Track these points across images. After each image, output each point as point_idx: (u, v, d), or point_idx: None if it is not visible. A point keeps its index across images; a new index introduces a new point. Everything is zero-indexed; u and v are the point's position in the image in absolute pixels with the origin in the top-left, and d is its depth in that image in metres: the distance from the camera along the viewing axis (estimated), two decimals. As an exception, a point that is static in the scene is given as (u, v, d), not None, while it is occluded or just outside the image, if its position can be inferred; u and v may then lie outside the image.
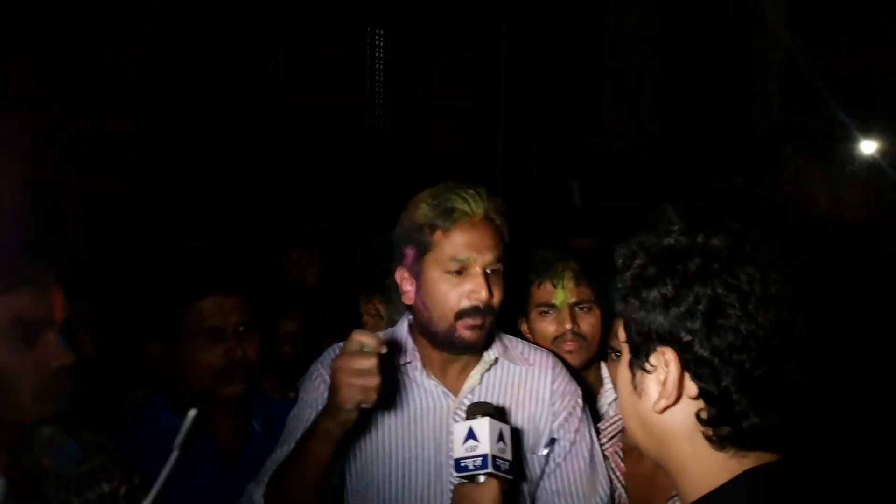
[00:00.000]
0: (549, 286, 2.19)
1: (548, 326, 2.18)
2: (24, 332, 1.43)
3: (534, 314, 2.20)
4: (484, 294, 1.77)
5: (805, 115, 7.28)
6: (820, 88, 7.24)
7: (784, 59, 7.95)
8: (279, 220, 5.13)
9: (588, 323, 2.17)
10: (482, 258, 1.79)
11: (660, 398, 1.12)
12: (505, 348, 1.95)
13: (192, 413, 1.61)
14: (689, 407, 1.11)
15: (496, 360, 1.92)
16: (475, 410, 1.66)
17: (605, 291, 2.18)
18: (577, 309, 2.19)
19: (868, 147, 6.67)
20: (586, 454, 1.95)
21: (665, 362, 1.11)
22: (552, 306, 2.18)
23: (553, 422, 1.95)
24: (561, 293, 2.17)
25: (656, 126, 7.71)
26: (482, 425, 1.67)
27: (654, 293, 1.11)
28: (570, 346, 2.16)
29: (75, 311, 1.79)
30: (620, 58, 7.52)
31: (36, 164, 3.90)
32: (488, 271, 1.79)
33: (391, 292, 2.27)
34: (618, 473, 2.06)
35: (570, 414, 1.97)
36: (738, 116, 7.84)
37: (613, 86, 7.56)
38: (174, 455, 1.56)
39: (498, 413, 1.66)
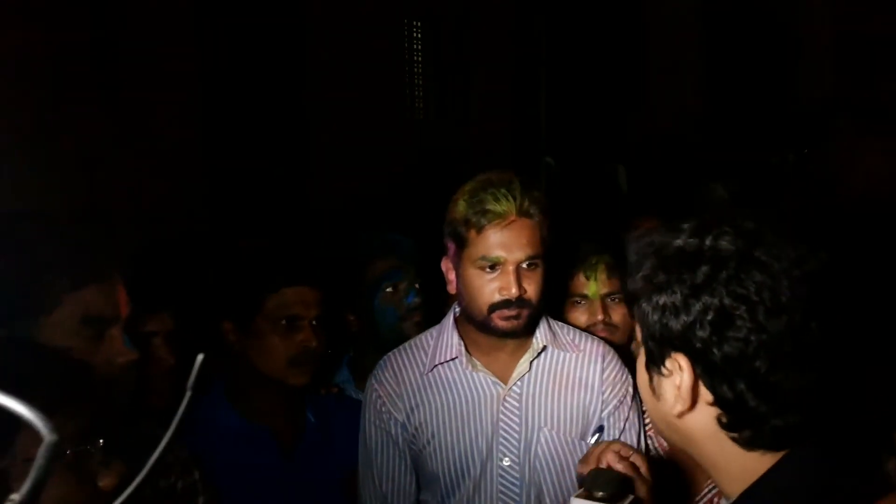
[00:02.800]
0: (582, 278, 2.27)
1: (580, 316, 2.26)
2: (92, 329, 1.49)
3: (568, 304, 2.28)
4: (514, 290, 1.86)
5: (858, 86, 7.11)
6: (873, 57, 7.05)
7: (833, 29, 7.77)
8: (322, 215, 5.16)
9: (619, 313, 2.27)
10: (513, 256, 1.88)
11: (675, 403, 1.12)
12: (554, 335, 2.03)
13: (200, 357, 1.66)
14: (708, 411, 1.12)
15: (545, 347, 2.00)
16: (598, 486, 1.54)
17: None
18: (608, 300, 2.28)
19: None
20: (634, 443, 2.00)
21: (679, 368, 1.11)
22: (584, 297, 2.27)
23: (603, 409, 2.03)
24: (593, 284, 2.30)
25: (702, 105, 7.59)
26: None
27: (664, 300, 1.11)
28: (602, 335, 2.24)
29: (155, 325, 1.89)
30: (662, 37, 7.41)
31: (90, 166, 3.99)
32: (524, 266, 1.87)
33: (365, 306, 2.35)
34: (661, 453, 2.10)
35: (621, 402, 2.03)
36: (787, 91, 7.68)
37: (656, 66, 7.45)
38: (188, 396, 1.60)
39: (623, 486, 1.56)
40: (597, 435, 1.99)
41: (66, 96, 3.96)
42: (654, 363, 1.15)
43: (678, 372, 1.11)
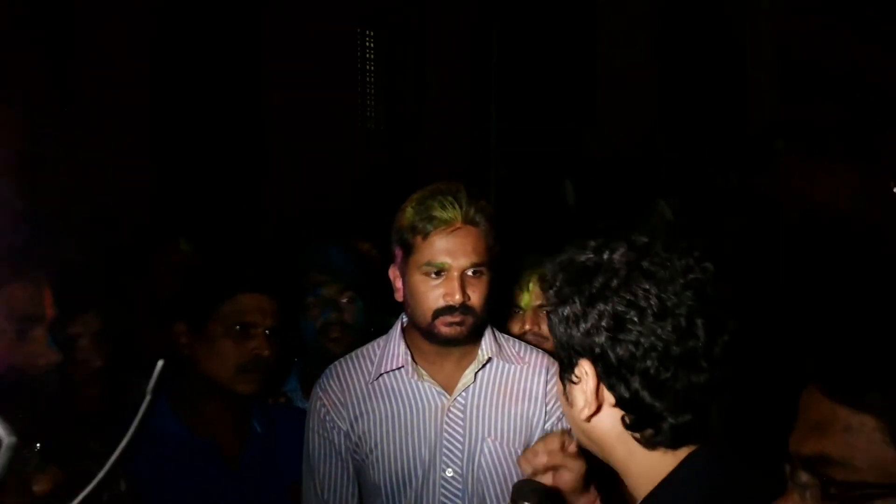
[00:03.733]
0: (517, 290, 2.35)
1: (514, 326, 2.33)
2: (15, 327, 1.45)
3: (508, 316, 2.36)
4: (458, 297, 1.89)
5: (801, 109, 7.29)
6: (815, 82, 7.24)
7: (778, 54, 7.96)
8: (275, 224, 5.15)
9: None
10: (458, 262, 1.90)
11: (583, 407, 1.21)
12: (500, 347, 2.04)
13: (161, 363, 1.65)
14: (613, 413, 1.20)
15: (490, 358, 2.01)
16: (524, 497, 1.56)
17: None
18: (540, 311, 2.32)
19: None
20: None
21: (585, 373, 1.20)
22: (519, 308, 2.35)
23: (546, 421, 2.03)
24: (526, 295, 2.37)
25: (651, 123, 7.72)
26: None
27: (567, 310, 1.21)
28: (530, 344, 2.28)
29: (80, 327, 1.85)
30: (614, 55, 7.53)
31: (33, 167, 3.92)
32: (469, 273, 1.88)
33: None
34: None
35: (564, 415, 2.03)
36: (732, 112, 7.84)
37: (607, 84, 7.57)
38: (146, 400, 1.58)
39: (548, 496, 1.58)
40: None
41: (12, 93, 3.90)
42: (565, 371, 1.24)
43: (585, 377, 1.20)
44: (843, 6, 7.41)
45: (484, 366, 2.02)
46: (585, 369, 1.20)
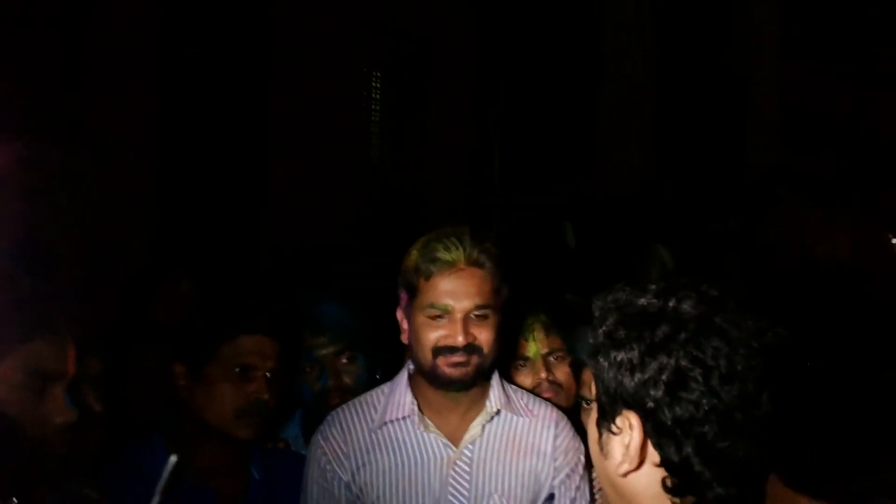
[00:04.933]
0: (521, 340, 2.25)
1: (524, 379, 2.24)
2: (37, 385, 1.41)
3: (512, 368, 2.25)
4: (461, 339, 1.85)
5: (801, 157, 7.33)
6: (816, 130, 7.30)
7: (779, 103, 8.02)
8: (277, 255, 5.15)
9: (563, 371, 2.23)
10: (461, 304, 1.86)
11: (622, 462, 1.12)
12: (508, 399, 1.99)
13: (174, 459, 1.63)
14: (654, 473, 1.11)
15: (498, 411, 1.96)
16: None
17: (574, 340, 2.25)
18: (550, 358, 2.25)
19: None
20: None
21: (629, 426, 1.11)
22: (526, 358, 2.25)
23: (554, 477, 1.98)
24: (533, 345, 2.25)
25: (652, 168, 7.76)
26: None
27: (622, 356, 1.11)
28: (547, 394, 2.20)
29: (83, 369, 1.82)
30: (616, 100, 7.59)
31: (39, 201, 3.92)
32: (473, 316, 1.83)
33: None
34: None
35: (573, 471, 1.99)
36: (733, 160, 7.89)
37: (609, 128, 7.62)
38: (155, 501, 1.57)
39: None
40: (546, 503, 1.96)
41: (22, 129, 3.91)
42: (606, 420, 1.15)
43: (628, 430, 1.12)
44: (846, 54, 7.49)
45: (492, 418, 1.97)
46: (631, 422, 1.11)
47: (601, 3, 7.57)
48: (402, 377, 2.00)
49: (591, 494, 2.04)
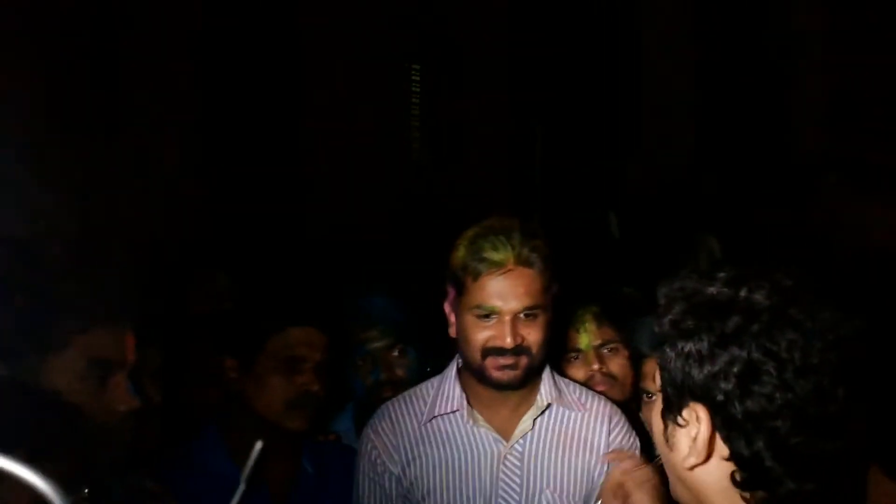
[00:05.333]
0: (572, 332, 2.23)
1: (576, 371, 2.25)
2: (98, 373, 1.44)
3: (564, 361, 2.24)
4: (509, 340, 1.82)
5: (850, 143, 7.17)
6: (863, 115, 7.13)
7: (827, 86, 7.86)
8: (317, 254, 5.15)
9: (616, 363, 2.20)
10: (509, 306, 1.83)
11: (689, 455, 1.09)
12: (560, 392, 1.96)
13: (259, 445, 1.66)
14: (723, 467, 1.09)
15: (549, 404, 1.93)
16: None
17: (632, 332, 2.22)
18: (603, 350, 2.22)
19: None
20: None
21: (697, 419, 1.08)
22: (578, 350, 2.22)
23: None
24: (584, 336, 2.23)
25: (695, 157, 7.65)
26: None
27: (690, 347, 1.08)
28: (601, 387, 2.17)
29: (142, 361, 1.84)
30: (657, 87, 7.49)
31: (87, 197, 3.95)
32: (521, 316, 1.80)
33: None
34: None
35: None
36: (778, 146, 7.74)
37: (651, 116, 7.52)
38: (241, 489, 1.59)
39: None
40: (600, 501, 1.92)
41: (67, 127, 3.94)
42: (671, 412, 1.13)
43: (695, 423, 1.09)
44: (894, 36, 7.31)
45: (543, 412, 1.94)
46: (699, 414, 1.09)
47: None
48: (451, 371, 1.99)
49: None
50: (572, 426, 1.96)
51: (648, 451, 2.02)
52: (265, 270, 3.79)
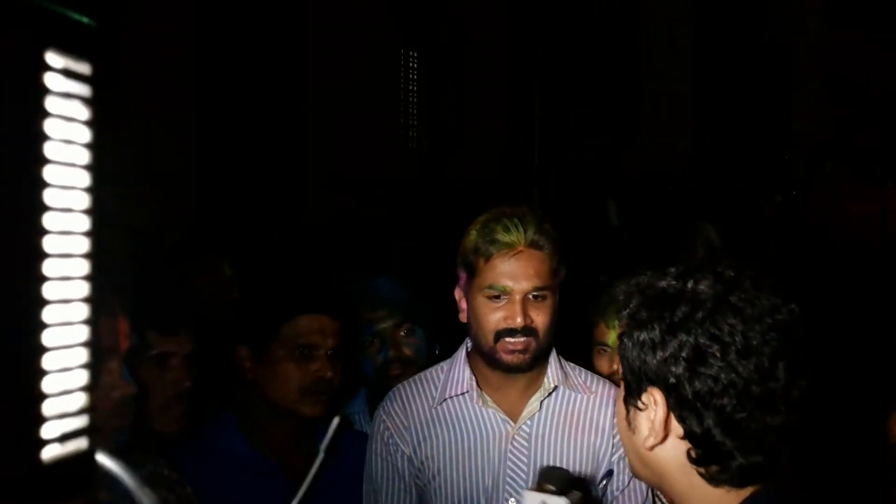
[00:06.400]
0: (603, 326, 2.30)
1: (602, 364, 2.29)
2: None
3: (594, 352, 2.33)
4: (519, 320, 1.87)
5: (847, 131, 7.21)
6: (860, 103, 7.17)
7: (824, 74, 7.89)
8: (315, 241, 5.17)
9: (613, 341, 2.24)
10: (520, 286, 1.87)
11: (648, 436, 1.18)
12: (566, 375, 2.01)
13: (337, 419, 1.71)
14: (679, 445, 1.18)
15: (556, 387, 1.97)
16: (551, 476, 1.65)
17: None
18: None
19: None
20: (644, 488, 1.97)
21: (654, 402, 1.17)
22: (607, 345, 2.28)
23: (613, 454, 1.99)
24: (613, 334, 2.27)
25: (693, 144, 7.68)
26: None
27: (644, 336, 1.18)
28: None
29: (174, 346, 1.86)
30: (655, 75, 7.51)
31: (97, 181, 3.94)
32: (531, 297, 1.85)
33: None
34: (664, 500, 2.10)
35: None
36: (777, 134, 7.78)
37: (649, 104, 7.54)
38: (320, 458, 1.62)
39: (572, 483, 1.67)
40: (605, 480, 1.96)
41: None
42: (632, 396, 1.21)
43: (653, 406, 1.17)
44: (891, 24, 7.34)
45: (550, 394, 1.98)
46: (655, 397, 1.17)
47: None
48: (461, 354, 2.03)
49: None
50: (578, 408, 2.00)
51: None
52: (271, 258, 3.80)
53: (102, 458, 0.66)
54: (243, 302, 2.27)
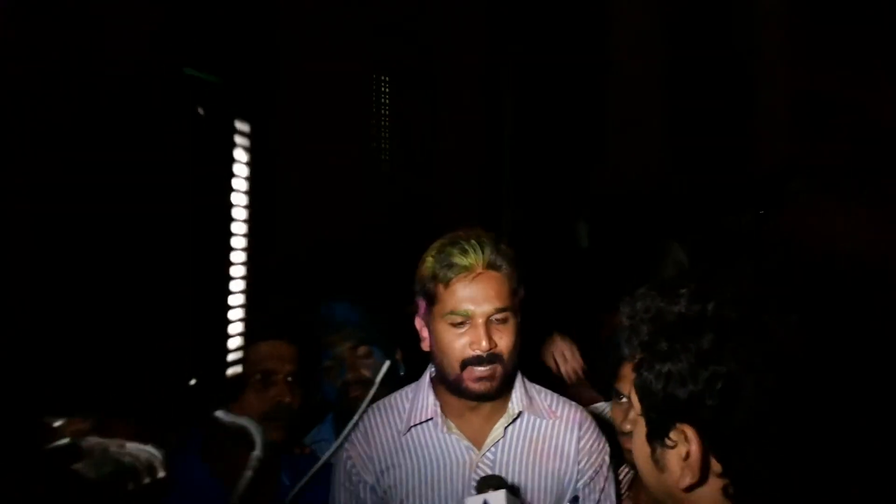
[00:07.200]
0: (622, 377, 2.29)
1: (617, 414, 2.33)
2: None
3: (613, 400, 2.29)
4: (484, 344, 1.86)
5: (813, 149, 7.28)
6: (826, 123, 7.26)
7: (790, 92, 7.99)
8: (289, 261, 5.15)
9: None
10: (481, 309, 1.87)
11: (683, 476, 1.09)
12: (531, 400, 1.99)
13: (388, 362, 1.73)
14: (716, 482, 1.09)
15: (520, 412, 1.96)
16: (488, 483, 1.70)
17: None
18: None
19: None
20: None
21: (686, 438, 1.08)
22: (622, 396, 2.28)
23: (578, 480, 1.98)
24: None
25: (662, 163, 7.74)
26: (498, 498, 1.68)
27: (669, 368, 1.08)
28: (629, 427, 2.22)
29: None
30: (625, 96, 7.57)
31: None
32: (493, 319, 1.85)
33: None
34: None
35: (597, 473, 1.99)
36: (743, 152, 7.86)
37: (618, 124, 7.60)
38: (373, 390, 1.63)
39: (511, 489, 1.71)
40: None
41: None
42: (658, 435, 1.12)
43: (684, 443, 1.09)
44: (856, 48, 7.45)
45: (514, 420, 1.97)
46: (687, 434, 1.08)
47: (609, 1, 7.56)
48: (425, 380, 2.03)
49: (618, 494, 2.03)
50: (543, 433, 1.99)
51: (616, 452, 2.06)
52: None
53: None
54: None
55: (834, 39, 7.73)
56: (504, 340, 1.90)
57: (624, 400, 2.08)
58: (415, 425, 1.96)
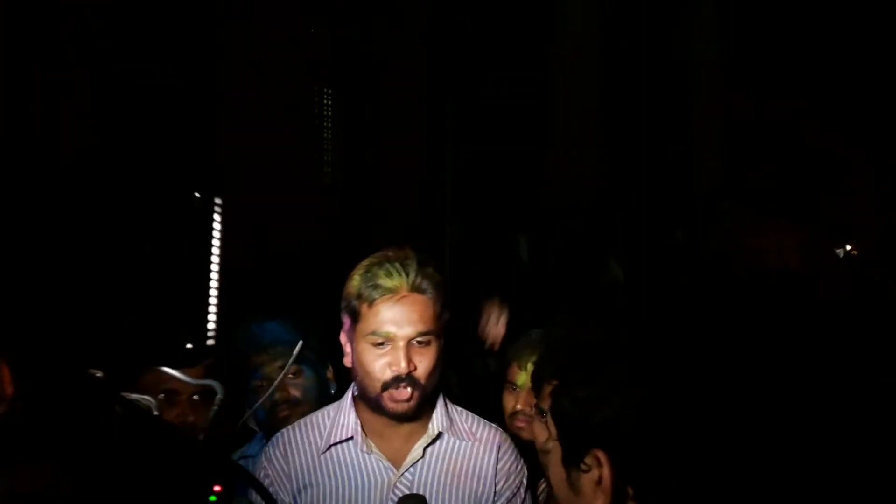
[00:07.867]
0: (515, 367, 2.36)
1: (508, 401, 2.36)
2: None
3: (504, 388, 2.40)
4: (403, 366, 1.86)
5: (747, 170, 7.47)
6: (760, 145, 7.46)
7: (723, 116, 8.18)
8: (231, 283, 5.10)
9: (546, 404, 2.28)
10: (403, 332, 1.87)
11: (596, 499, 1.10)
12: (451, 421, 1.99)
13: (300, 342, 1.75)
14: None
15: (440, 433, 1.97)
16: (408, 503, 1.71)
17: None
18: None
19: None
20: None
21: (599, 463, 1.09)
22: (515, 385, 2.35)
23: (496, 501, 1.99)
24: (523, 375, 2.32)
25: (600, 180, 7.86)
26: None
27: (582, 394, 1.10)
28: (521, 423, 2.25)
29: None
30: (565, 113, 7.68)
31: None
32: (415, 342, 1.85)
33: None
34: None
35: (514, 494, 2.01)
36: (680, 172, 8.02)
37: (558, 140, 7.70)
38: (297, 348, 1.91)
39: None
40: None
41: None
42: (573, 459, 1.13)
43: (597, 467, 1.10)
44: (790, 70, 7.66)
45: (434, 441, 1.98)
46: (599, 458, 1.09)
47: (549, 20, 7.66)
48: (347, 399, 2.02)
49: (535, 511, 2.06)
50: (462, 455, 1.99)
51: (535, 472, 2.10)
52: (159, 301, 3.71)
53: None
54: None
55: (768, 62, 7.95)
56: (424, 363, 1.89)
57: (545, 418, 2.13)
58: (335, 444, 1.95)
